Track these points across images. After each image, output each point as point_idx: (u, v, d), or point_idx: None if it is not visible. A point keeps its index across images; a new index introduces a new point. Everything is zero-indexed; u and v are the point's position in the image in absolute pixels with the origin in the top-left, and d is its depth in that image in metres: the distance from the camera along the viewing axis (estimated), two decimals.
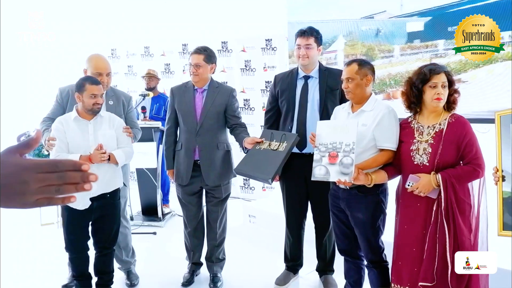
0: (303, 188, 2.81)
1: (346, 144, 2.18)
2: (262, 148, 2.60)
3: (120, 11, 5.79)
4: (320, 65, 2.84)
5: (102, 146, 2.43)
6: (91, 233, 2.61)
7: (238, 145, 2.96)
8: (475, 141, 2.05)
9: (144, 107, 4.44)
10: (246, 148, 2.72)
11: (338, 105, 2.62)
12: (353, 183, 2.18)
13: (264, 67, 5.10)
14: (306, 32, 2.72)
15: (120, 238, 2.77)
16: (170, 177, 3.09)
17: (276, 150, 2.52)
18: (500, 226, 1.97)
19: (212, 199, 2.96)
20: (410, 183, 2.05)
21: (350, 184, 2.21)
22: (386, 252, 2.39)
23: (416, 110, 2.18)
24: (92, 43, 5.61)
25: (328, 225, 2.82)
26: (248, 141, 2.68)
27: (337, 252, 2.74)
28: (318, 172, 2.26)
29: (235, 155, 3.06)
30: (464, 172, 2.03)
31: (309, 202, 2.91)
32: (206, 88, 2.90)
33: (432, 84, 2.06)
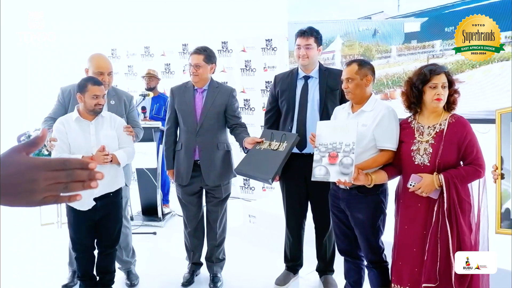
0: (303, 188, 2.81)
1: (346, 144, 2.18)
2: (262, 148, 2.60)
3: (120, 11, 5.79)
4: (320, 65, 2.84)
5: (104, 147, 2.43)
6: (96, 232, 2.61)
7: (238, 145, 2.96)
8: (475, 141, 2.06)
9: (144, 107, 4.44)
10: (246, 148, 2.72)
11: (338, 105, 2.62)
12: (353, 184, 2.18)
13: (264, 67, 5.10)
14: (306, 32, 2.72)
15: (120, 238, 2.77)
16: (170, 177, 3.09)
17: (276, 150, 2.52)
18: (498, 224, 1.97)
19: (212, 199, 2.96)
20: (412, 183, 2.05)
21: (350, 185, 2.21)
22: (386, 252, 2.39)
23: (416, 110, 2.17)
24: (92, 43, 5.60)
25: (328, 225, 2.82)
26: (248, 141, 2.68)
27: (337, 252, 2.74)
28: (318, 173, 2.26)
29: (235, 155, 3.06)
30: (467, 172, 2.03)
31: (309, 202, 2.91)
32: (206, 88, 2.90)
33: (432, 85, 2.06)
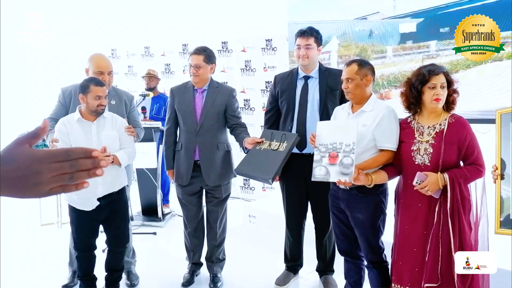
0: (303, 188, 2.81)
1: (346, 144, 2.18)
2: (262, 148, 2.60)
3: (120, 11, 5.79)
4: (320, 65, 2.84)
5: (105, 149, 2.43)
6: (104, 231, 2.62)
7: (238, 145, 2.96)
8: (475, 141, 2.07)
9: (144, 107, 4.45)
10: (246, 148, 2.72)
11: (338, 105, 2.62)
12: (353, 184, 2.18)
13: (264, 67, 5.10)
14: (306, 32, 2.72)
15: None
16: (170, 177, 3.09)
17: (276, 150, 2.52)
18: (497, 224, 1.97)
19: (212, 199, 2.96)
20: (418, 181, 2.05)
21: (350, 185, 2.21)
22: (386, 252, 2.39)
23: (416, 111, 2.18)
24: (92, 43, 5.60)
25: (328, 225, 2.82)
26: (248, 141, 2.68)
27: (337, 252, 2.74)
28: (318, 173, 2.26)
29: (235, 155, 3.06)
30: (469, 172, 2.04)
31: (309, 202, 2.91)
32: (206, 88, 2.90)
33: (431, 85, 2.06)
